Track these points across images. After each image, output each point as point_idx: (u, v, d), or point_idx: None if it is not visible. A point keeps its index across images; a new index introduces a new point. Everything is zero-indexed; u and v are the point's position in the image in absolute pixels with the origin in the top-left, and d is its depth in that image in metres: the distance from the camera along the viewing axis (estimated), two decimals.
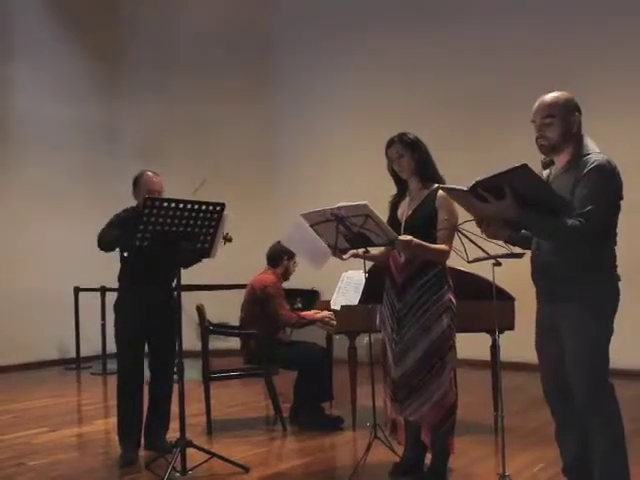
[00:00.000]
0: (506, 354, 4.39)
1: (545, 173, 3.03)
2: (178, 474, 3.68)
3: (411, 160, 3.55)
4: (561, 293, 2.86)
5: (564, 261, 2.83)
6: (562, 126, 2.84)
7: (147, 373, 4.30)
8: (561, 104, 2.86)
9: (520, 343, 4.76)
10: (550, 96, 2.89)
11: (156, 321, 4.20)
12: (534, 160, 2.91)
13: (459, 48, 7.70)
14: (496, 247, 3.07)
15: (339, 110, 8.53)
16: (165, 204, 3.67)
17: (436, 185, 3.46)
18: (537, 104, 2.91)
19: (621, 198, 2.84)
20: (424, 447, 3.61)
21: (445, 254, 3.46)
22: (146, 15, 9.03)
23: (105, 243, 4.12)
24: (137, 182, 4.31)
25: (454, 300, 3.53)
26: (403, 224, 3.55)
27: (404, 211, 3.61)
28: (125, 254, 4.27)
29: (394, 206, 3.68)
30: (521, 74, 7.20)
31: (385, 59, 8.21)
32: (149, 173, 4.31)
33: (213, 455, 3.88)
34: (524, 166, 2.63)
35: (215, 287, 7.70)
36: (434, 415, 3.47)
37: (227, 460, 3.90)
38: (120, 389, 4.26)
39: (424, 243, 3.41)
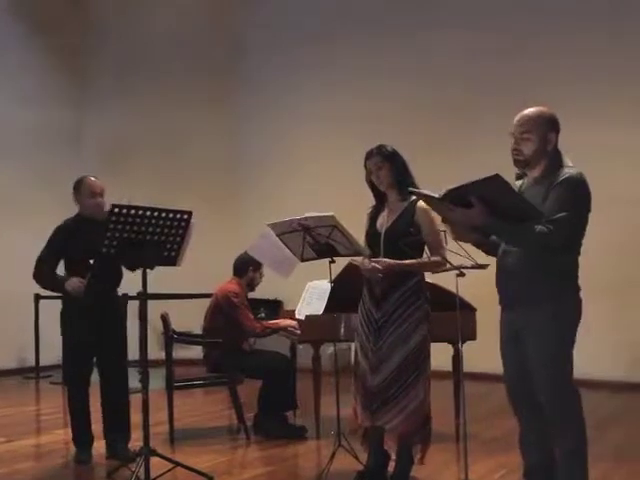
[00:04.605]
0: (466, 364, 4.46)
1: (518, 184, 3.08)
2: None
3: (389, 172, 3.60)
4: (525, 299, 2.91)
5: (529, 267, 2.87)
6: (538, 143, 2.88)
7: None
8: (541, 121, 2.89)
9: (480, 354, 4.85)
10: (531, 111, 2.92)
11: (101, 328, 4.24)
12: (506, 167, 2.94)
13: (428, 56, 7.80)
14: (460, 258, 3.14)
15: (307, 119, 8.56)
16: (132, 211, 3.66)
17: (409, 189, 3.46)
18: (518, 117, 2.94)
19: (589, 211, 2.89)
20: (387, 455, 3.65)
21: (440, 264, 3.48)
22: (113, 21, 8.99)
23: (38, 283, 4.43)
24: (78, 186, 4.37)
25: (429, 311, 3.59)
26: (382, 235, 3.60)
27: (383, 223, 3.65)
28: (66, 265, 4.36)
29: (373, 218, 3.72)
30: (491, 82, 7.34)
31: (353, 68, 8.28)
32: (91, 177, 4.40)
33: (177, 464, 3.84)
34: (496, 176, 2.67)
35: (179, 296, 7.64)
36: (408, 424, 3.51)
37: (191, 469, 3.86)
38: (68, 393, 4.42)
39: (405, 262, 3.47)
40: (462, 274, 3.21)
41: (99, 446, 4.37)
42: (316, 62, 8.52)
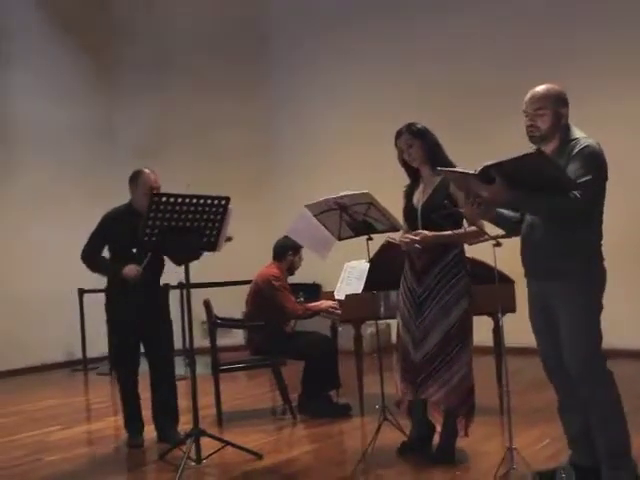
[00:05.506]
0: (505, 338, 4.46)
1: None
2: (193, 463, 3.77)
3: (420, 149, 3.65)
4: (551, 271, 2.97)
5: (556, 240, 2.93)
6: (552, 117, 2.97)
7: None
8: (553, 97, 2.99)
9: (517, 328, 4.86)
10: (542, 88, 3.02)
11: (144, 311, 4.33)
12: (522, 147, 2.98)
13: (456, 37, 7.75)
14: (495, 228, 3.17)
15: (336, 105, 8.59)
16: (171, 199, 3.76)
17: (438, 168, 3.51)
18: (529, 95, 3.03)
19: (607, 179, 2.95)
20: (431, 426, 3.71)
21: (477, 235, 3.49)
22: (142, 15, 9.05)
23: (87, 266, 4.50)
24: (135, 179, 4.40)
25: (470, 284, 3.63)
26: (419, 211, 3.66)
27: (419, 198, 3.71)
28: (111, 253, 4.49)
29: (409, 194, 3.78)
30: (508, 61, 7.33)
31: (380, 52, 8.28)
32: (147, 170, 4.41)
33: (227, 443, 3.96)
34: (539, 152, 2.78)
35: (218, 284, 7.75)
36: (453, 398, 3.58)
37: (241, 448, 3.97)
38: (117, 377, 4.57)
39: (442, 233, 3.52)
40: (499, 244, 3.23)
41: (150, 431, 4.50)
42: (343, 48, 8.51)
